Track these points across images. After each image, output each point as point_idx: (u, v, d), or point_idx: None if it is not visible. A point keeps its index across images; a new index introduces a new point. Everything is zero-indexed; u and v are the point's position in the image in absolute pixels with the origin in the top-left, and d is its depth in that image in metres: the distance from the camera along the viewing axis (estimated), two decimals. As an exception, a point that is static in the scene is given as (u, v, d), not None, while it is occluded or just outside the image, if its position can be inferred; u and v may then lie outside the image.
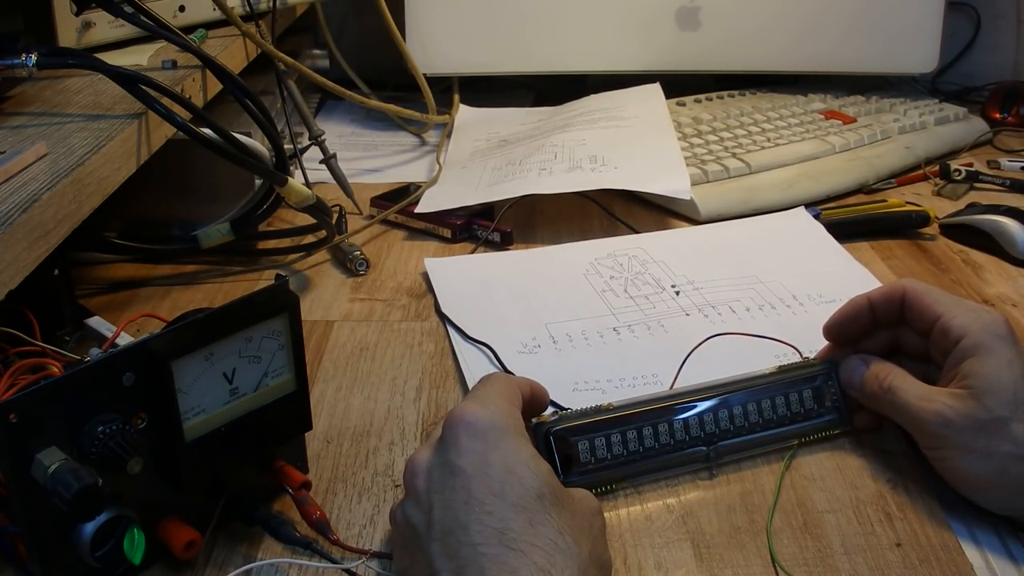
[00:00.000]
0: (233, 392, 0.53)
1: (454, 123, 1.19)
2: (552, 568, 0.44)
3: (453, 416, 0.50)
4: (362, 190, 1.02)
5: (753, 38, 1.20)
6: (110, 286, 0.86)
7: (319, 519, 0.55)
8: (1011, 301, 0.82)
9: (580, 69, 1.24)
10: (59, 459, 0.47)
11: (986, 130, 1.18)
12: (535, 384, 0.58)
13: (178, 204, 0.90)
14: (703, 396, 0.62)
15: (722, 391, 0.62)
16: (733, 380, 0.63)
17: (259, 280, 0.88)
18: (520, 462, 0.48)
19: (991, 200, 0.97)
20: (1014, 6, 1.35)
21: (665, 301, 0.80)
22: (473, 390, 0.55)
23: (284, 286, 0.55)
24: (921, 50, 1.18)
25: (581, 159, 0.98)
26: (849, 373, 0.64)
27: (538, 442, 0.58)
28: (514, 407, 0.53)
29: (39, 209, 0.57)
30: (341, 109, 1.32)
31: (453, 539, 0.46)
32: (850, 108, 1.18)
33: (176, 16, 0.93)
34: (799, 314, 0.78)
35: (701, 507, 0.59)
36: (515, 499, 0.47)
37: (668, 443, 0.60)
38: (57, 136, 0.68)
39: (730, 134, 1.10)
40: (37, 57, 0.70)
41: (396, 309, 0.82)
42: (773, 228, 0.93)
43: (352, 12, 1.38)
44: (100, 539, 0.50)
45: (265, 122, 0.78)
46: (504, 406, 0.52)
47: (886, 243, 0.92)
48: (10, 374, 0.57)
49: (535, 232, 0.95)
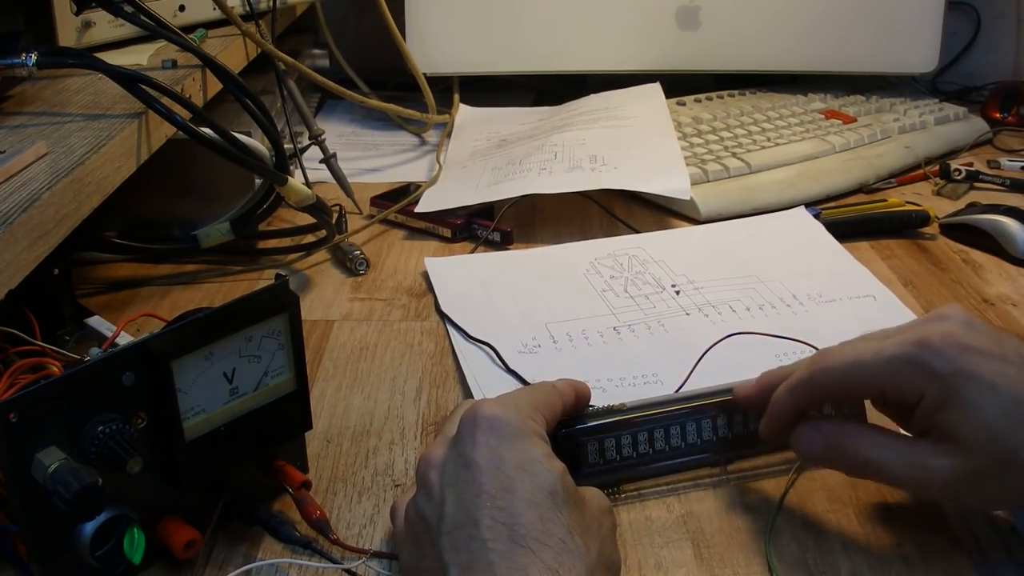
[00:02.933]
0: (233, 392, 0.53)
1: (454, 123, 1.19)
2: (560, 568, 0.44)
3: (470, 411, 0.50)
4: (362, 190, 1.02)
5: (753, 38, 1.20)
6: (110, 286, 0.86)
7: (319, 519, 0.55)
8: (1011, 301, 0.82)
9: (580, 69, 1.24)
10: (59, 459, 0.47)
11: (986, 130, 1.18)
12: (580, 386, 0.57)
13: (178, 204, 0.90)
14: (718, 400, 0.60)
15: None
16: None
17: (259, 280, 0.88)
18: (533, 459, 0.48)
19: (991, 200, 0.97)
20: (1014, 6, 1.35)
21: (665, 301, 0.80)
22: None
23: (284, 286, 0.54)
24: (921, 50, 1.18)
25: (581, 159, 0.98)
26: (805, 447, 0.54)
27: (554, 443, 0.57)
28: (536, 411, 0.52)
29: (39, 209, 0.57)
30: (341, 109, 1.32)
31: (463, 533, 0.46)
32: (850, 108, 1.18)
33: (176, 16, 0.93)
34: (799, 314, 0.78)
35: (701, 507, 0.59)
36: (526, 495, 0.46)
37: (679, 447, 0.59)
38: (57, 136, 0.68)
39: (730, 134, 1.10)
40: (37, 57, 0.70)
41: (396, 309, 0.82)
42: (773, 228, 0.93)
43: (352, 12, 1.38)
44: (100, 539, 0.50)
45: (265, 122, 0.78)
46: (524, 407, 0.51)
47: (886, 243, 0.92)
48: (10, 374, 0.57)
49: (535, 232, 0.95)
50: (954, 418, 0.49)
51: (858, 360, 0.52)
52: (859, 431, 0.54)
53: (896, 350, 0.50)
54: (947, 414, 0.49)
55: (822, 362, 0.54)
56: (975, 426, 0.48)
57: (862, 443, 0.53)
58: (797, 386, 0.54)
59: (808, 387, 0.54)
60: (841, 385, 0.53)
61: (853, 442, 0.53)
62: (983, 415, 0.48)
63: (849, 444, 0.53)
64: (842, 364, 0.53)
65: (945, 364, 0.49)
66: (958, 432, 0.49)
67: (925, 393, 0.50)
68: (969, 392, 0.48)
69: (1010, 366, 0.49)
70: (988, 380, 0.48)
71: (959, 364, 0.49)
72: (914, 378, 0.50)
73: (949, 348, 0.49)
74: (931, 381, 0.49)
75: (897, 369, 0.50)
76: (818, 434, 0.54)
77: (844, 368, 0.52)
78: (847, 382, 0.53)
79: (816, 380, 0.53)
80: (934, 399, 0.49)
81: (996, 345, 0.50)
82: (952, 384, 0.49)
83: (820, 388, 0.54)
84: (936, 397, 0.49)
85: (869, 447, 0.52)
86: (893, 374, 0.51)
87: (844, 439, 0.53)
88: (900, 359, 0.50)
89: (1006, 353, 0.50)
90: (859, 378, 0.52)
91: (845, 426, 0.55)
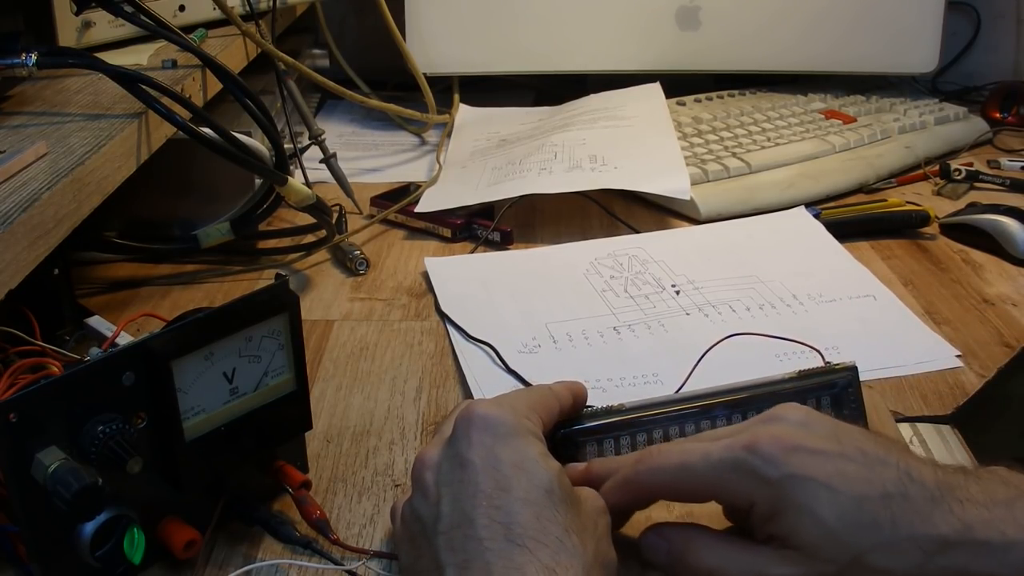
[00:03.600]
0: (233, 392, 0.53)
1: (454, 123, 1.19)
2: (557, 567, 0.44)
3: (465, 411, 0.50)
4: (362, 190, 1.02)
5: (753, 38, 1.20)
6: (110, 286, 0.86)
7: (319, 519, 0.55)
8: (1011, 301, 0.82)
9: (580, 69, 1.24)
10: (59, 459, 0.47)
11: (986, 130, 1.18)
12: (576, 387, 0.57)
13: (178, 204, 0.90)
14: (719, 400, 0.58)
15: (740, 395, 0.58)
16: (750, 384, 0.59)
17: (259, 280, 0.88)
18: (529, 458, 0.48)
19: (991, 200, 0.97)
20: (1014, 6, 1.35)
21: (665, 301, 0.80)
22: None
23: (284, 286, 0.54)
24: (921, 50, 1.18)
25: (581, 159, 0.98)
26: (652, 555, 0.51)
27: (551, 444, 0.57)
28: (532, 411, 0.52)
29: (39, 209, 0.57)
30: (341, 109, 1.32)
31: (459, 533, 0.46)
32: (850, 108, 1.18)
33: (176, 16, 0.93)
34: (799, 314, 0.78)
35: (701, 507, 0.58)
36: (522, 494, 0.46)
37: None
38: (57, 136, 0.68)
39: (730, 134, 1.10)
40: (37, 57, 0.70)
41: (396, 309, 0.82)
42: (773, 228, 0.93)
43: (352, 12, 1.38)
44: (100, 539, 0.50)
45: (265, 122, 0.78)
46: (519, 407, 0.51)
47: (886, 243, 0.92)
48: (10, 374, 0.57)
49: (535, 232, 0.95)
50: (790, 525, 0.46)
51: (684, 463, 0.49)
52: (702, 537, 0.50)
53: (724, 454, 0.48)
54: (782, 521, 0.46)
55: (648, 462, 0.51)
56: (813, 533, 0.46)
57: (704, 550, 0.49)
58: (623, 485, 0.52)
59: (634, 488, 0.52)
60: (668, 488, 0.51)
61: (695, 548, 0.50)
62: (820, 519, 0.45)
63: (691, 552, 0.50)
64: (669, 466, 0.50)
65: (774, 469, 0.46)
66: (796, 539, 0.46)
67: (756, 501, 0.47)
68: (802, 496, 0.46)
69: (849, 463, 0.46)
70: (824, 481, 0.46)
71: (790, 468, 0.46)
72: (742, 484, 0.47)
73: (779, 451, 0.47)
74: (760, 487, 0.47)
75: (725, 474, 0.48)
76: (662, 541, 0.51)
77: (671, 470, 0.50)
78: (674, 485, 0.50)
79: (642, 482, 0.51)
80: (766, 506, 0.47)
81: (834, 443, 0.47)
82: (783, 489, 0.46)
83: (646, 489, 0.52)
84: (768, 504, 0.47)
85: (710, 554, 0.49)
86: (721, 480, 0.48)
87: (686, 545, 0.50)
88: (728, 464, 0.48)
89: (844, 450, 0.47)
90: (686, 482, 0.50)
91: (689, 531, 0.51)
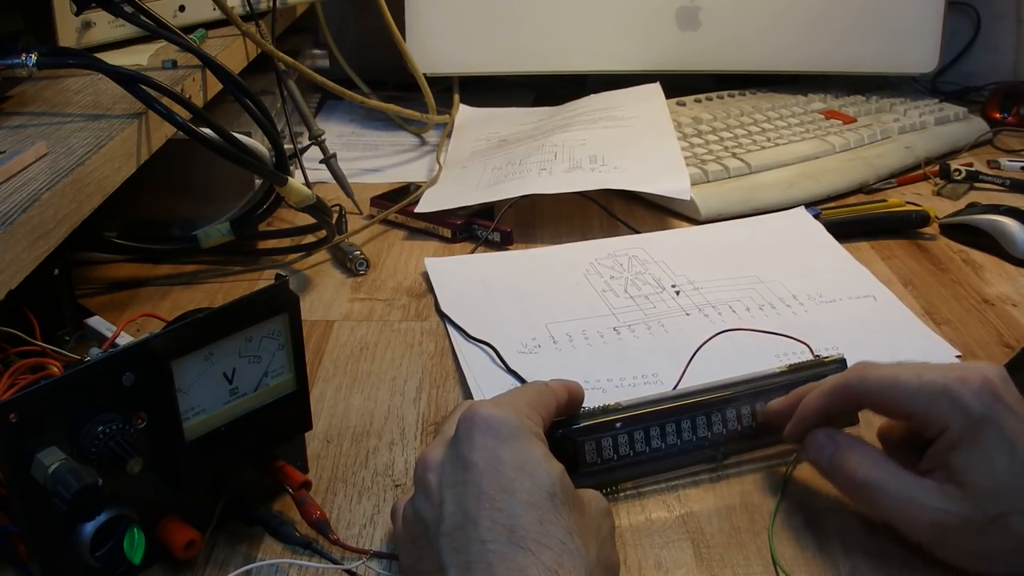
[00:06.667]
0: (233, 392, 0.53)
1: (454, 123, 1.19)
2: (560, 569, 0.44)
3: (467, 412, 0.50)
4: (362, 190, 1.02)
5: (753, 38, 1.20)
6: (110, 286, 0.86)
7: (319, 519, 0.55)
8: (1011, 301, 0.82)
9: (580, 69, 1.24)
10: (59, 459, 0.47)
11: (986, 130, 1.18)
12: (572, 386, 0.57)
13: (178, 204, 0.90)
14: (712, 396, 0.60)
15: (732, 391, 0.61)
16: (742, 379, 0.62)
17: (259, 280, 0.88)
18: (532, 460, 0.48)
19: (991, 200, 0.97)
20: (1014, 6, 1.35)
21: (665, 301, 0.80)
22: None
23: (284, 286, 0.55)
24: (921, 50, 1.18)
25: (581, 159, 0.98)
26: (815, 454, 0.56)
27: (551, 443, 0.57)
28: (533, 410, 0.52)
29: (39, 209, 0.57)
30: (341, 109, 1.32)
31: (462, 534, 0.46)
32: (850, 108, 1.18)
33: (176, 16, 0.93)
34: (799, 314, 0.78)
35: (701, 507, 0.59)
36: (526, 496, 0.46)
37: (675, 444, 0.60)
38: (57, 136, 0.68)
39: (730, 134, 1.10)
40: (37, 57, 0.70)
41: (396, 309, 0.82)
42: (773, 228, 0.93)
43: (352, 12, 1.38)
44: (100, 539, 0.50)
45: (265, 122, 0.78)
46: (521, 407, 0.51)
47: (886, 243, 0.92)
48: (10, 374, 0.57)
49: (535, 232, 0.95)
50: (968, 460, 0.50)
51: (898, 378, 0.53)
52: (869, 452, 0.54)
53: (937, 378, 0.52)
54: (964, 453, 0.50)
55: (862, 372, 0.55)
56: (984, 475, 0.49)
57: (867, 464, 0.53)
58: (834, 389, 0.55)
59: (844, 392, 0.55)
60: (876, 397, 0.54)
61: (859, 459, 0.54)
62: (996, 467, 0.49)
63: (854, 460, 0.54)
64: (882, 378, 0.54)
65: (979, 405, 0.50)
66: (966, 475, 0.50)
67: (950, 426, 0.50)
68: (991, 441, 0.49)
69: None
70: (1009, 435, 0.49)
71: (991, 412, 0.50)
72: (945, 409, 0.51)
73: (986, 393, 0.50)
74: (959, 417, 0.50)
75: (933, 396, 0.51)
76: (830, 443, 0.55)
77: (884, 381, 0.54)
78: (882, 395, 0.54)
79: (853, 387, 0.55)
80: (956, 435, 0.50)
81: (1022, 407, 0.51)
82: (978, 426, 0.50)
83: (855, 396, 0.55)
84: (959, 434, 0.50)
85: (872, 469, 0.53)
86: (927, 400, 0.51)
87: (851, 453, 0.54)
88: (939, 387, 0.51)
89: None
90: (894, 395, 0.53)
91: (858, 442, 0.55)
